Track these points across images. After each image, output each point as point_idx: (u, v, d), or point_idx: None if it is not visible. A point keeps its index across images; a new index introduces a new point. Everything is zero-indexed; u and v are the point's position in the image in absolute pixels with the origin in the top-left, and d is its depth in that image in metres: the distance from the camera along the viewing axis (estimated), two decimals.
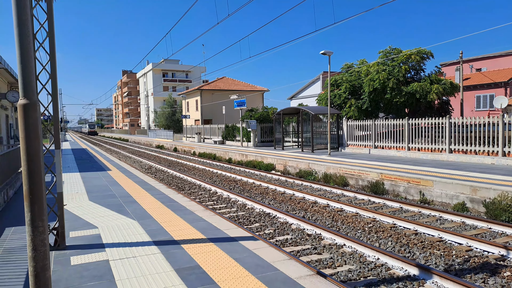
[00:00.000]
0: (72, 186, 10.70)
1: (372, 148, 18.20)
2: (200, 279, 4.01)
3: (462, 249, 6.18)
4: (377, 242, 6.69)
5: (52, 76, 5.32)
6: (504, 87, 29.25)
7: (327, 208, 9.30)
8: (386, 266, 5.54)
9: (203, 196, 11.33)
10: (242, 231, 5.88)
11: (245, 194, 11.43)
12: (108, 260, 4.65)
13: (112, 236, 5.70)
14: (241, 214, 8.94)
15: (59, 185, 5.25)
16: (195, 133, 36.74)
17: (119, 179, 11.99)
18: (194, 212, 7.14)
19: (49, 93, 5.44)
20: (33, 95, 2.37)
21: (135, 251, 4.99)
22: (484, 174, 10.36)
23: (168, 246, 5.14)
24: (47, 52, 5.34)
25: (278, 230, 7.47)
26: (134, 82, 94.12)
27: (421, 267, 5.17)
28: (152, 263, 4.51)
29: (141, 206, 7.80)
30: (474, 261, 5.64)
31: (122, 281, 4.02)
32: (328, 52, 17.33)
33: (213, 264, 4.45)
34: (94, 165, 16.79)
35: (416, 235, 6.98)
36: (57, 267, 4.44)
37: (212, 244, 5.19)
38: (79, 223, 6.48)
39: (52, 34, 5.30)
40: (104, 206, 7.88)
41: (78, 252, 4.97)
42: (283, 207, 9.59)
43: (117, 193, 9.41)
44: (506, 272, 5.25)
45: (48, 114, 5.58)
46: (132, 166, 18.23)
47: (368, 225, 7.66)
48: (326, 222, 8.04)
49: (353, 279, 5.15)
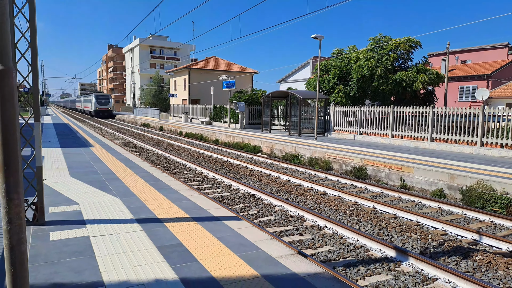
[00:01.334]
0: (53, 161, 10.45)
1: (357, 134, 18.42)
2: (182, 257, 4.02)
3: (437, 233, 6.40)
4: (357, 224, 6.85)
5: (32, 44, 5.06)
6: (487, 79, 29.83)
7: (310, 191, 9.43)
8: (365, 247, 5.70)
9: (188, 176, 11.29)
10: (226, 211, 5.90)
11: (231, 175, 11.45)
12: (89, 237, 4.60)
13: (93, 212, 5.63)
14: (226, 194, 8.97)
15: (38, 159, 5.11)
16: (182, 112, 36.26)
17: (102, 156, 11.78)
18: (179, 192, 7.11)
19: (29, 63, 5.20)
20: (8, 61, 2.24)
21: (117, 228, 4.95)
22: (462, 163, 10.66)
23: (151, 224, 5.12)
24: (27, 19, 5.06)
25: (262, 211, 7.55)
26: (120, 57, 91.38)
27: (398, 249, 5.35)
28: (134, 240, 4.50)
29: (124, 184, 7.71)
30: (448, 245, 5.87)
31: (102, 257, 4.00)
32: (319, 36, 17.15)
33: (195, 242, 4.47)
34: (76, 141, 16.41)
35: (395, 219, 7.18)
36: (35, 242, 4.37)
37: (195, 223, 5.20)
38: (59, 199, 6.37)
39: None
40: (86, 182, 7.75)
41: (58, 228, 4.90)
42: (268, 189, 9.66)
43: (100, 170, 9.26)
44: (477, 255, 5.48)
45: (28, 85, 5.35)
46: (116, 143, 17.92)
47: (349, 208, 7.82)
48: (309, 205, 8.16)
49: (333, 259, 5.28)
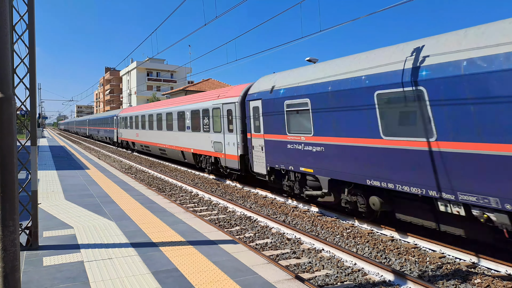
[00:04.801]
0: (48, 184, 10.36)
1: None
2: (178, 282, 3.95)
3: (435, 255, 6.35)
4: (355, 247, 6.79)
5: (31, 70, 5.16)
6: None
7: (307, 213, 9.38)
8: (362, 271, 5.63)
9: (184, 198, 11.20)
10: (222, 234, 5.85)
11: (227, 197, 11.38)
12: (83, 261, 4.52)
13: (88, 236, 5.55)
14: (222, 217, 8.89)
15: (33, 183, 5.08)
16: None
17: (97, 178, 11.70)
18: (174, 214, 7.05)
19: (27, 88, 5.27)
20: (8, 89, 2.29)
21: (112, 252, 4.87)
22: None
23: (146, 248, 5.05)
24: (26, 45, 5.18)
25: (258, 234, 7.47)
26: (117, 80, 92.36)
27: (396, 273, 5.29)
28: (128, 265, 4.42)
29: (120, 206, 7.64)
30: (446, 268, 5.81)
31: (96, 283, 3.92)
32: (313, 59, 17.56)
33: (191, 267, 4.40)
34: (72, 163, 16.33)
35: (393, 242, 7.12)
36: (28, 268, 4.28)
37: (191, 247, 5.14)
38: (54, 223, 6.28)
39: (33, 26, 5.16)
40: (81, 205, 7.67)
41: (52, 253, 4.81)
42: (264, 211, 9.60)
43: (95, 192, 9.18)
44: (476, 279, 5.43)
45: (25, 109, 5.40)
46: (111, 165, 17.84)
47: (346, 231, 7.77)
48: (306, 227, 8.10)
49: (330, 283, 5.20)
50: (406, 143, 6.43)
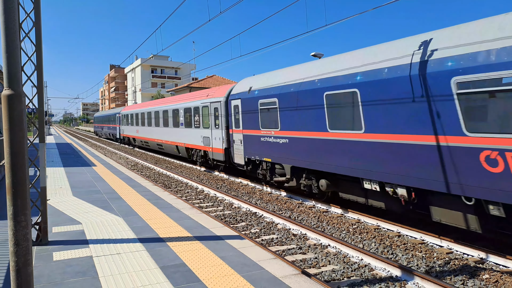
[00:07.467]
0: (56, 181, 10.48)
1: None
2: (185, 277, 3.99)
3: (443, 251, 6.32)
4: (361, 243, 6.79)
5: (38, 67, 5.20)
6: None
7: (313, 208, 9.39)
8: (369, 266, 5.63)
9: (189, 194, 11.26)
10: (229, 230, 5.87)
11: (232, 193, 11.42)
12: (92, 257, 4.58)
13: (96, 232, 5.61)
14: (228, 213, 8.92)
15: (42, 180, 5.14)
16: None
17: (104, 175, 11.81)
18: (181, 210, 7.09)
19: (34, 85, 5.32)
20: (18, 86, 2.32)
21: (120, 247, 4.93)
22: None
23: (154, 244, 5.09)
24: (33, 43, 5.21)
25: (264, 230, 7.50)
26: (122, 77, 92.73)
27: (403, 268, 5.28)
28: (136, 260, 4.47)
29: (127, 202, 7.71)
30: (454, 263, 5.79)
31: (105, 277, 3.97)
32: (318, 54, 17.45)
33: (198, 262, 4.43)
34: (79, 160, 16.48)
35: (399, 237, 7.10)
36: (39, 263, 4.35)
37: (198, 242, 5.17)
38: (62, 219, 6.36)
39: (39, 24, 5.19)
40: (88, 201, 7.74)
41: (61, 248, 4.88)
42: (270, 207, 9.62)
43: (102, 189, 9.26)
44: (485, 274, 5.40)
45: (33, 106, 5.45)
46: (118, 162, 17.98)
47: (352, 226, 7.76)
48: (311, 223, 8.11)
49: (337, 279, 5.21)
50: (344, 135, 8.03)
